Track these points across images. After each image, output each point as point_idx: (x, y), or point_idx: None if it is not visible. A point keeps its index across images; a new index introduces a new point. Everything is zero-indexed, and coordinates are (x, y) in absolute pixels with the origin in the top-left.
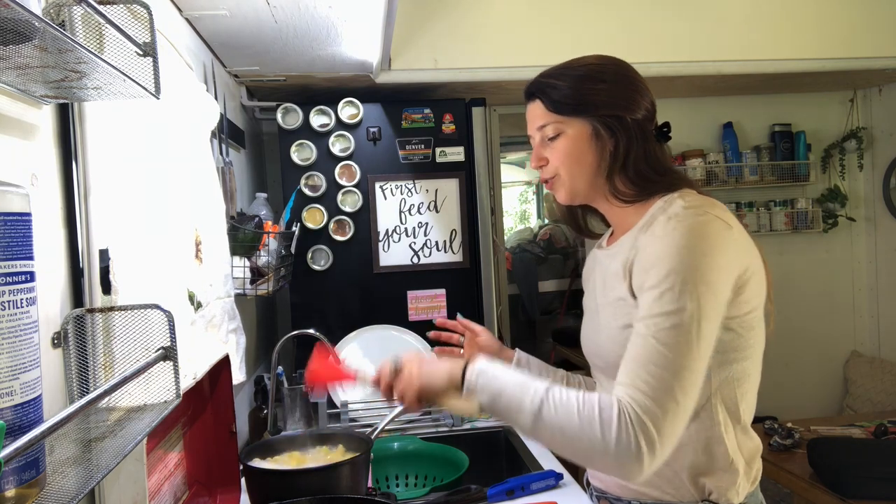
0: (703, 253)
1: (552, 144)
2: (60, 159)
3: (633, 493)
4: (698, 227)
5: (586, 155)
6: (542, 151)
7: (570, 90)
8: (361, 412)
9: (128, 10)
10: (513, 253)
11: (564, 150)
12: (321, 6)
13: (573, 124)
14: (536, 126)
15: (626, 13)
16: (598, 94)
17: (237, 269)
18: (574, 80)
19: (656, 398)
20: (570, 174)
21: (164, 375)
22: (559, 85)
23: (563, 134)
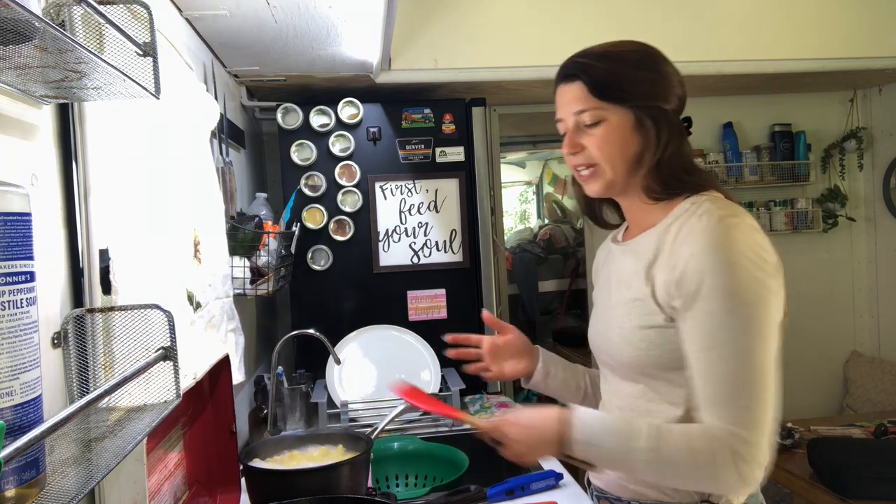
0: (752, 269)
1: (590, 131)
2: (60, 159)
3: (632, 494)
4: (741, 239)
5: (629, 146)
6: (578, 138)
7: (616, 75)
8: (361, 412)
9: (128, 10)
10: (513, 253)
11: (606, 139)
12: (321, 6)
13: (616, 112)
14: (573, 110)
15: (625, 13)
16: (643, 83)
17: (237, 269)
18: (619, 65)
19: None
20: (612, 165)
21: (164, 375)
22: (603, 68)
23: (604, 121)
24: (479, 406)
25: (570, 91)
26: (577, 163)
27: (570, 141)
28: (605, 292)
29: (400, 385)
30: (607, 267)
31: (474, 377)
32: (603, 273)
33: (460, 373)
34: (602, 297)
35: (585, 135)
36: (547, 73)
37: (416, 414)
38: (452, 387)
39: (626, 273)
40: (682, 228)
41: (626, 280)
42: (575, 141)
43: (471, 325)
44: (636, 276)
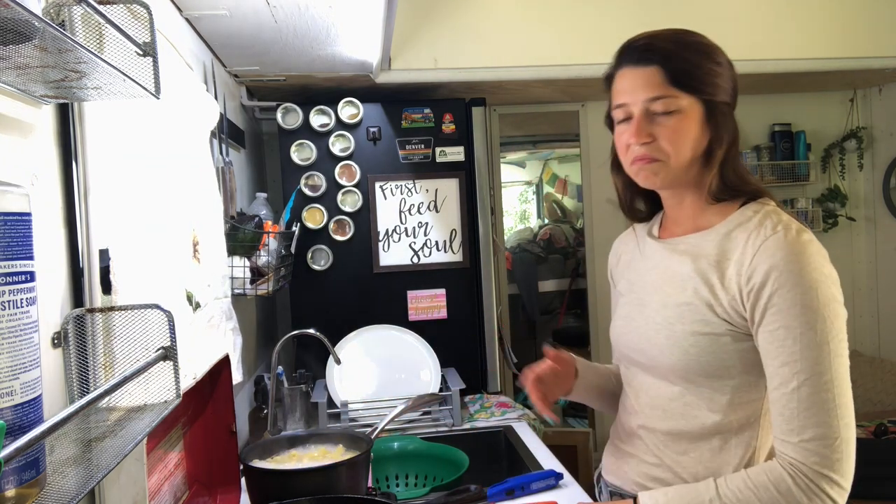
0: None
1: (663, 121)
2: (60, 159)
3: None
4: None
5: (700, 140)
6: (650, 127)
7: (694, 64)
8: (361, 412)
9: (128, 10)
10: (513, 253)
11: (680, 131)
12: (321, 6)
13: (690, 103)
14: (647, 96)
15: (625, 13)
16: (716, 76)
17: (237, 269)
18: (696, 55)
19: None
20: (680, 159)
21: (164, 375)
22: (682, 56)
23: (679, 112)
24: (479, 406)
25: (642, 75)
26: (643, 154)
27: (639, 129)
28: (641, 290)
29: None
30: (642, 264)
31: (473, 377)
32: (634, 270)
33: (460, 373)
34: (637, 295)
35: (657, 125)
36: (547, 73)
37: (416, 414)
38: (452, 387)
39: (679, 274)
40: (751, 238)
41: (679, 282)
42: (646, 130)
43: (471, 326)
44: (692, 280)
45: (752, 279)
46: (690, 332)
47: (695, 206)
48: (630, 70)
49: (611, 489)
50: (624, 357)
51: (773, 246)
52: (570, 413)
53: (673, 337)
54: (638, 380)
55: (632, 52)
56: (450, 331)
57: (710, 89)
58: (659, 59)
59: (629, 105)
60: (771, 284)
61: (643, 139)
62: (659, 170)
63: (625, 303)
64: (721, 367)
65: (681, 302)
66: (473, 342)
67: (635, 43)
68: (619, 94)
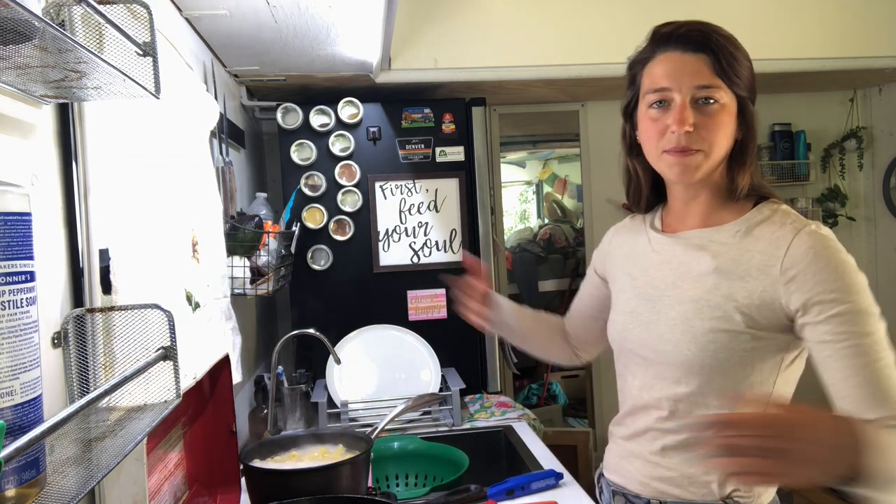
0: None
1: (706, 111)
2: (60, 159)
3: (653, 492)
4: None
5: (731, 137)
6: (693, 115)
7: (737, 58)
8: (361, 412)
9: (128, 10)
10: (513, 253)
11: (721, 124)
12: (321, 6)
13: (729, 97)
14: (696, 83)
15: (625, 13)
16: (749, 72)
17: (237, 268)
18: (737, 50)
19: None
20: (719, 150)
21: (164, 375)
22: (728, 48)
23: (720, 103)
24: (480, 406)
25: (692, 62)
26: (684, 145)
27: (684, 116)
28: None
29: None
30: (648, 258)
31: (474, 377)
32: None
33: (460, 373)
34: (643, 290)
35: (700, 113)
36: (547, 73)
37: (416, 414)
38: (452, 387)
39: (696, 269)
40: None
41: (696, 277)
42: (691, 118)
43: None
44: (711, 276)
45: (791, 270)
46: (709, 328)
47: (709, 203)
48: (677, 55)
49: (613, 488)
50: (628, 353)
51: (808, 238)
52: (570, 413)
53: (690, 332)
54: (643, 376)
55: (678, 38)
56: (450, 331)
57: (746, 84)
58: (709, 46)
59: (671, 90)
60: (815, 273)
61: (686, 126)
62: (700, 163)
63: (627, 298)
64: (737, 363)
65: (698, 297)
66: (473, 342)
67: (679, 29)
68: (659, 79)
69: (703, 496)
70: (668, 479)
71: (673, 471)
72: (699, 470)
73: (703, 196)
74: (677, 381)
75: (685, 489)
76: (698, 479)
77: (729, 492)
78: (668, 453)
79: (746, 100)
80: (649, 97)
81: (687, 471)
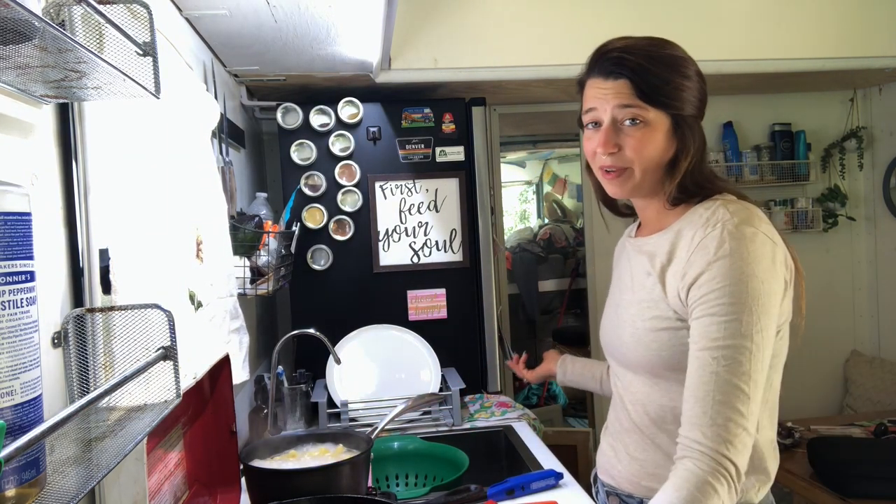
0: (761, 280)
1: (629, 132)
2: (60, 159)
3: (645, 491)
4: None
5: (665, 152)
6: (617, 137)
7: (664, 80)
8: (361, 412)
9: (128, 10)
10: (513, 253)
11: (646, 142)
12: (321, 6)
13: (657, 116)
14: (616, 104)
15: (625, 13)
16: (686, 91)
17: (237, 268)
18: (666, 70)
19: (732, 431)
20: (644, 169)
21: (164, 375)
22: (652, 71)
23: (646, 124)
24: (480, 406)
25: (612, 87)
26: (610, 164)
27: (607, 139)
28: (618, 290)
29: None
30: (621, 264)
31: (474, 377)
32: (618, 270)
33: (460, 372)
34: (614, 295)
35: (624, 135)
36: (547, 73)
37: (416, 414)
38: (452, 387)
39: (640, 273)
40: (695, 235)
41: (640, 280)
42: (615, 140)
43: (471, 325)
44: (649, 278)
45: (688, 275)
46: (650, 328)
47: (658, 210)
48: (601, 81)
49: (606, 489)
50: (608, 355)
51: (710, 242)
52: (570, 413)
53: (636, 334)
54: (621, 377)
55: (603, 64)
56: (450, 331)
57: (678, 104)
58: (628, 72)
59: (598, 110)
60: (703, 278)
61: (609, 149)
62: (625, 180)
63: (608, 303)
64: (683, 359)
65: (641, 299)
66: (473, 342)
67: (608, 54)
68: (588, 100)
69: None
70: (656, 477)
71: (660, 468)
72: None
73: (652, 205)
74: (642, 379)
75: None
76: None
77: None
78: (648, 449)
79: (683, 116)
80: (585, 117)
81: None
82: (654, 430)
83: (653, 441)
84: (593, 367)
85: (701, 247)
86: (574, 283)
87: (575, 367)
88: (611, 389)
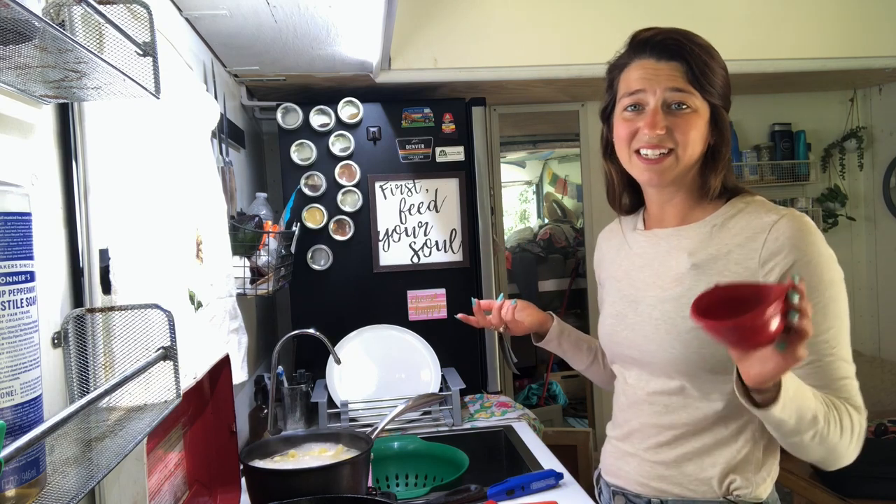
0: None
1: (678, 115)
2: (60, 159)
3: (653, 491)
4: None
5: (704, 141)
6: (665, 118)
7: (711, 68)
8: (361, 412)
9: (128, 10)
10: (513, 253)
11: (692, 127)
12: (321, 6)
13: (702, 104)
14: (668, 86)
15: (625, 13)
16: (723, 82)
17: (237, 268)
18: (712, 59)
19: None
20: (690, 155)
21: (164, 375)
22: (703, 58)
23: (693, 109)
24: (480, 406)
25: (665, 69)
26: (658, 143)
27: (656, 120)
28: (632, 287)
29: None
30: (631, 260)
31: (474, 377)
32: (621, 266)
33: (460, 372)
34: (628, 292)
35: (673, 116)
36: (547, 73)
37: (416, 414)
38: (453, 387)
39: (675, 268)
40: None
41: (675, 276)
42: (663, 122)
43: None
44: (689, 273)
45: (771, 260)
46: (692, 326)
47: (683, 205)
48: (652, 62)
49: (612, 489)
50: (618, 356)
51: (787, 226)
52: (570, 413)
53: (674, 331)
54: (635, 377)
55: (653, 46)
56: (450, 331)
57: (719, 91)
58: (682, 55)
59: (646, 93)
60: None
61: (658, 128)
62: (668, 166)
63: (612, 301)
64: (723, 358)
65: (679, 295)
66: (473, 342)
67: (655, 37)
68: (633, 82)
69: (704, 493)
70: (666, 478)
71: (671, 469)
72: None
73: (677, 198)
74: (668, 377)
75: (685, 487)
76: (697, 476)
77: (729, 487)
78: (662, 449)
79: (719, 108)
80: (625, 101)
81: (685, 469)
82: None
83: (669, 441)
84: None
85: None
86: (574, 283)
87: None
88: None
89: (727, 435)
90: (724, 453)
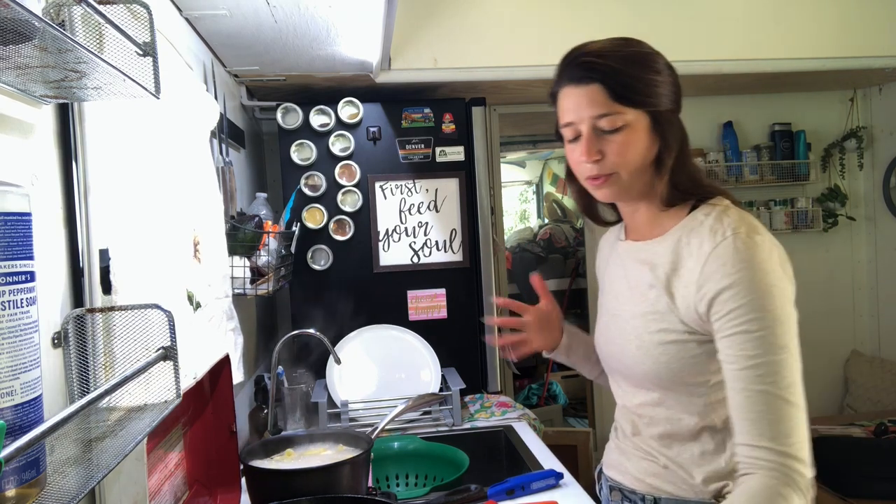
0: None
1: (611, 138)
2: (60, 159)
3: (648, 488)
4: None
5: (648, 151)
6: (598, 144)
7: (634, 78)
8: (361, 412)
9: (128, 10)
10: (513, 253)
11: (629, 145)
12: (321, 6)
13: (635, 116)
14: (594, 114)
15: (625, 13)
16: (659, 86)
17: (237, 268)
18: (636, 67)
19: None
20: (630, 173)
21: (164, 375)
22: (622, 70)
23: (626, 127)
24: (480, 406)
25: (585, 93)
26: (600, 171)
27: (590, 148)
28: (615, 299)
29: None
30: (615, 270)
31: (474, 377)
32: (609, 275)
33: (460, 373)
34: (611, 304)
35: (605, 141)
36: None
37: (416, 414)
38: (452, 387)
39: (642, 283)
40: (703, 245)
41: (642, 291)
42: (595, 148)
43: (471, 325)
44: (653, 289)
45: (704, 288)
46: (658, 341)
47: (649, 214)
48: (572, 89)
49: (611, 483)
50: (606, 367)
51: (724, 253)
52: (570, 413)
53: (643, 346)
54: (622, 387)
55: (571, 71)
56: (450, 331)
57: (653, 100)
58: (600, 76)
59: (576, 123)
60: (727, 294)
61: (593, 157)
62: (613, 184)
63: (601, 313)
64: (692, 371)
65: (645, 311)
66: (473, 342)
67: (575, 60)
68: (565, 113)
69: (696, 494)
70: (661, 475)
71: (666, 467)
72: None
73: (641, 209)
74: (646, 391)
75: (677, 486)
76: (687, 481)
77: (721, 490)
78: (653, 455)
79: (660, 112)
80: (563, 131)
81: (676, 472)
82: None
83: (660, 448)
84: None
85: (715, 257)
86: (574, 284)
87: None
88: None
89: (713, 447)
90: (713, 463)
